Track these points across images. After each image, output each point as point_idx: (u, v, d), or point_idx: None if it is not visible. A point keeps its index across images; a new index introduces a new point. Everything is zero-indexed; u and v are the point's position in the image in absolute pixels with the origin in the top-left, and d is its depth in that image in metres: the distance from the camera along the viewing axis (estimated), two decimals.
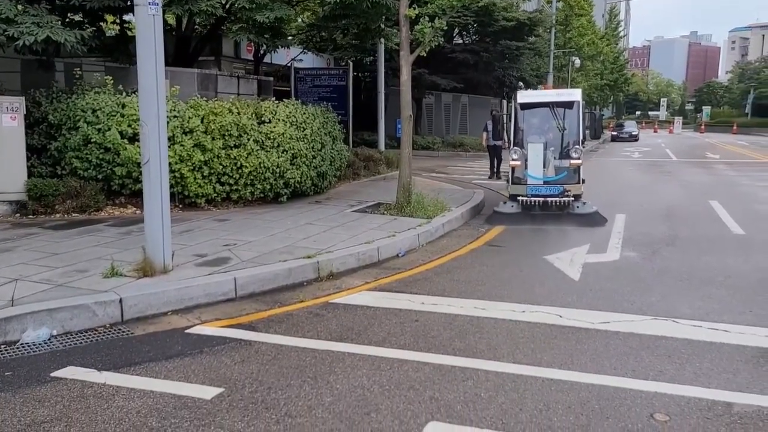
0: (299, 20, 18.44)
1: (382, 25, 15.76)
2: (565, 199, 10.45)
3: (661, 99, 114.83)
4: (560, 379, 4.42)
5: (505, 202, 10.94)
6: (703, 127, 71.29)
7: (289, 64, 20.81)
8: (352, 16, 14.05)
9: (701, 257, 8.34)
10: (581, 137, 10.86)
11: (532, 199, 10.52)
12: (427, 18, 10.66)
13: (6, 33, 9.14)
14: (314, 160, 12.25)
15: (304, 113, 12.24)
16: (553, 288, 6.87)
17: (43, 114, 10.26)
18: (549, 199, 10.50)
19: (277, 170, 11.21)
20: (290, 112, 11.80)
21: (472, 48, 28.65)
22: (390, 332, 5.44)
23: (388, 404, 4.02)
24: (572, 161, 10.57)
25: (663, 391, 4.23)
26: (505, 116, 11.24)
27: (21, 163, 9.74)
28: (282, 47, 15.92)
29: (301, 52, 21.13)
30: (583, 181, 10.80)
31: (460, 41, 30.28)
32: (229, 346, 5.06)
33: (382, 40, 17.68)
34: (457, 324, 5.66)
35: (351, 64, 20.54)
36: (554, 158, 10.64)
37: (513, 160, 10.91)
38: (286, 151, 11.38)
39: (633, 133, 49.27)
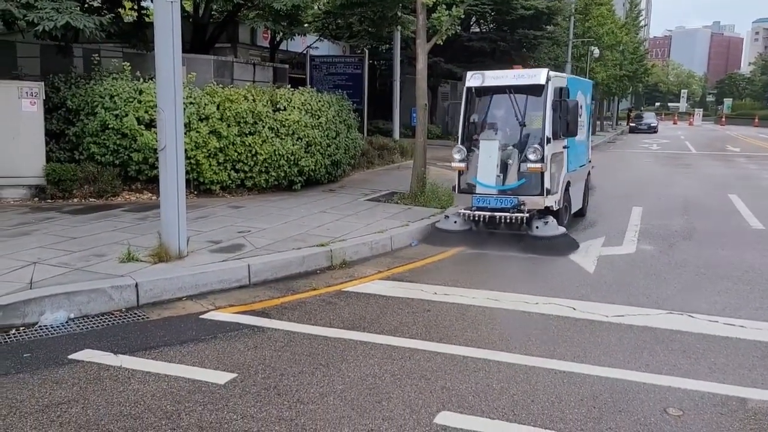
0: (315, 7, 18.36)
1: (399, 13, 15.68)
2: (519, 215, 7.93)
3: (682, 90, 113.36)
4: (573, 372, 4.40)
5: (447, 216, 8.66)
6: (723, 119, 70.37)
7: (304, 52, 20.77)
8: (369, 3, 14.00)
9: (719, 251, 8.25)
10: (548, 133, 8.18)
11: (476, 213, 8.16)
12: (444, 6, 10.60)
13: (26, 18, 9.21)
14: (329, 149, 12.25)
15: (320, 101, 12.23)
16: (567, 280, 6.84)
17: (61, 99, 10.34)
18: (497, 214, 8.03)
19: (292, 158, 11.23)
20: (305, 100, 11.80)
21: (489, 36, 28.41)
22: (402, 321, 5.45)
23: (400, 393, 4.04)
24: (529, 165, 8.05)
25: (677, 386, 4.21)
26: (459, 105, 9.00)
27: (40, 147, 9.84)
28: (298, 35, 15.90)
29: (316, 40, 21.08)
30: (549, 192, 8.17)
31: (477, 30, 30.03)
32: (242, 332, 5.09)
33: (399, 27, 17.57)
34: (470, 314, 5.66)
35: (367, 52, 20.44)
36: (512, 161, 8.28)
37: (455, 161, 8.59)
38: (301, 139, 11.39)
39: (652, 124, 48.80)
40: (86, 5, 11.72)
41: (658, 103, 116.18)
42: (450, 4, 10.69)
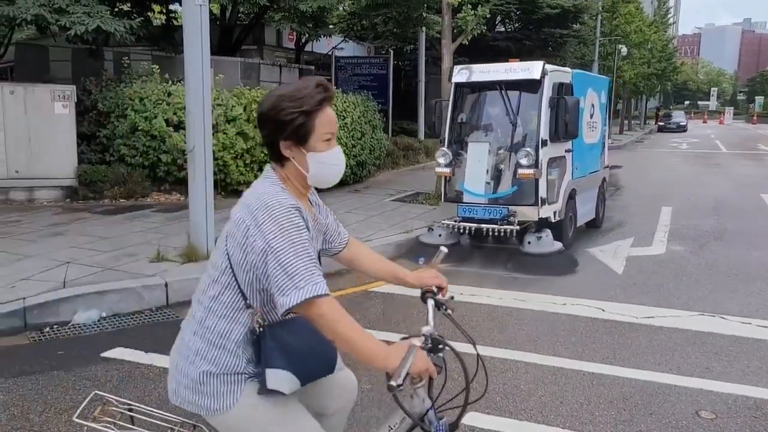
0: (340, 8, 18.45)
1: (424, 13, 15.68)
2: (508, 228, 7.12)
3: (712, 89, 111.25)
4: (602, 374, 4.36)
5: (431, 228, 7.92)
6: (755, 117, 68.87)
7: (330, 53, 20.87)
8: (394, 4, 14.03)
9: (751, 252, 8.08)
10: (544, 135, 7.28)
11: (461, 225, 7.41)
12: (470, 6, 10.56)
13: (59, 23, 9.42)
14: (354, 149, 12.29)
15: (345, 102, 12.29)
16: (595, 281, 6.77)
17: (93, 102, 10.54)
18: (484, 226, 7.25)
19: None
20: None
21: (514, 36, 28.21)
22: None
23: None
24: (520, 171, 7.16)
25: (709, 389, 4.14)
26: (447, 104, 8.08)
27: (72, 149, 10.04)
28: (323, 36, 15.99)
29: (342, 41, 21.16)
30: (545, 202, 7.30)
31: (502, 29, 29.86)
32: None
33: (424, 28, 17.57)
34: (497, 315, 5.63)
35: (391, 52, 20.47)
36: (505, 166, 7.46)
37: (440, 166, 7.74)
38: None
39: (681, 123, 47.98)
40: (116, 9, 11.92)
41: (687, 102, 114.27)
42: (475, 3, 10.65)
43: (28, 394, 3.94)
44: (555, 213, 7.51)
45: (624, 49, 32.77)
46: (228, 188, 10.69)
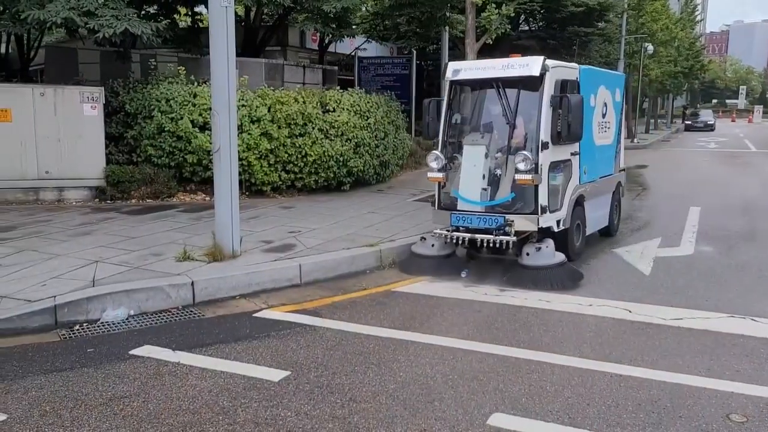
0: (363, 9, 18.49)
1: (448, 13, 15.64)
2: (504, 239, 6.53)
3: (740, 87, 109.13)
4: (630, 376, 4.30)
5: (424, 238, 7.27)
6: None
7: (353, 53, 20.92)
8: (417, 4, 14.00)
9: None
10: (545, 137, 6.63)
11: (454, 235, 6.83)
12: (494, 5, 10.51)
13: (87, 25, 9.57)
14: (377, 149, 12.30)
15: (368, 102, 12.30)
16: (621, 282, 6.69)
17: (120, 103, 10.70)
18: (478, 236, 6.68)
19: (341, 159, 11.32)
20: (354, 101, 11.88)
21: (537, 35, 27.99)
22: (453, 322, 5.43)
23: (452, 394, 4.02)
24: (518, 176, 6.54)
25: (740, 392, 4.06)
26: (441, 103, 7.50)
27: (100, 150, 10.21)
28: (347, 36, 16.03)
29: (365, 41, 21.20)
30: (545, 210, 6.65)
31: (526, 28, 29.65)
32: (294, 331, 5.16)
33: (447, 27, 17.52)
34: (521, 316, 5.59)
35: (414, 52, 20.43)
36: (503, 171, 6.87)
37: (432, 170, 7.15)
38: (350, 140, 11.48)
39: (709, 122, 47.13)
40: (143, 12, 12.09)
41: (715, 100, 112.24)
42: (499, 2, 10.60)
43: (59, 391, 4.01)
44: (558, 222, 6.91)
45: (650, 47, 32.30)
46: (252, 188, 10.78)
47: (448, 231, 6.92)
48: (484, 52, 22.11)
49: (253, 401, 3.90)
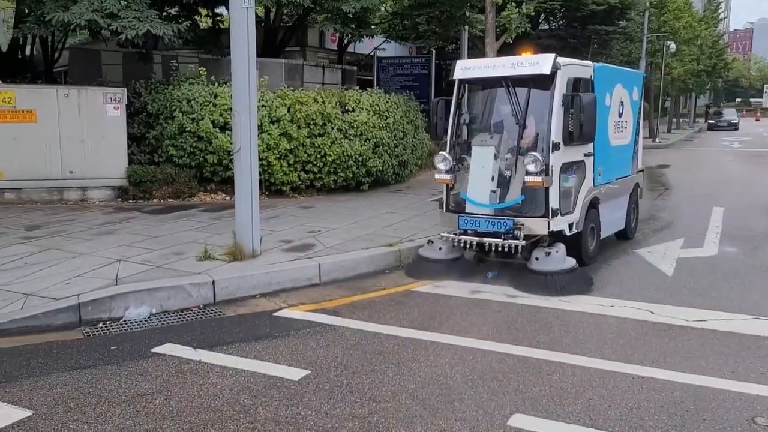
0: (382, 9, 18.50)
1: (467, 12, 15.58)
2: (513, 242, 6.36)
3: (765, 85, 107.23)
4: (652, 377, 4.25)
5: (431, 241, 7.10)
6: None
7: (372, 53, 20.93)
8: (437, 3, 13.97)
9: None
10: (556, 137, 6.43)
11: (462, 238, 6.72)
12: (514, 4, 10.45)
13: (110, 27, 9.69)
14: (396, 149, 12.30)
15: (387, 102, 12.31)
16: (644, 283, 6.61)
17: (142, 104, 10.82)
18: (486, 240, 6.55)
19: (360, 159, 11.34)
20: (373, 101, 11.89)
21: (558, 34, 27.77)
22: (472, 322, 5.41)
23: (472, 394, 4.01)
24: (527, 178, 6.36)
25: (765, 394, 4.00)
26: (450, 102, 7.34)
27: (123, 150, 10.33)
28: (366, 36, 16.05)
29: (383, 41, 21.20)
30: (556, 213, 6.45)
31: (546, 27, 29.44)
32: (314, 330, 5.18)
33: (466, 27, 17.46)
34: (541, 317, 5.56)
35: (433, 52, 20.40)
36: (510, 172, 6.72)
37: (440, 172, 6.98)
38: (369, 140, 11.49)
39: (732, 121, 46.41)
40: (165, 13, 12.20)
41: (738, 99, 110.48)
42: (519, 1, 10.53)
43: (84, 387, 4.07)
44: (571, 225, 6.74)
45: (672, 46, 31.90)
46: (272, 188, 10.84)
47: (455, 234, 6.78)
48: (504, 52, 21.98)
49: (274, 400, 3.92)
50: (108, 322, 5.31)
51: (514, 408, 3.82)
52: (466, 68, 7.06)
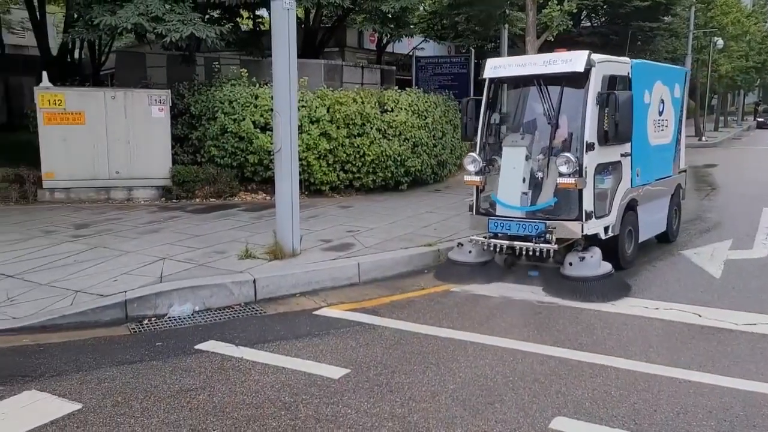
0: (421, 8, 18.47)
1: (507, 10, 15.42)
2: (544, 247, 6.17)
3: None
4: (699, 382, 4.14)
5: (461, 244, 6.91)
6: None
7: (410, 53, 20.90)
8: (477, 2, 13.87)
9: None
10: (590, 137, 6.20)
11: (491, 242, 6.55)
12: (555, 1, 10.31)
13: (156, 30, 9.93)
14: (435, 149, 12.27)
15: (426, 102, 12.29)
16: (690, 285, 6.45)
17: (186, 105, 11.03)
18: (516, 244, 6.35)
19: (399, 158, 11.34)
20: (412, 101, 11.89)
21: (600, 31, 27.28)
22: (512, 323, 5.36)
23: (513, 396, 3.97)
24: (560, 180, 6.15)
25: None
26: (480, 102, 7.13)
27: (167, 151, 10.57)
28: (405, 36, 16.05)
29: (422, 41, 21.15)
30: (591, 216, 6.22)
31: (588, 24, 28.95)
32: (354, 329, 5.21)
33: (506, 25, 17.29)
34: (583, 318, 5.47)
35: (472, 51, 20.25)
36: (543, 174, 6.48)
37: (469, 174, 6.83)
38: (408, 140, 11.49)
39: None
40: (207, 16, 12.42)
41: None
42: None
43: (130, 382, 4.17)
44: (607, 228, 6.51)
45: (720, 42, 31.02)
46: (311, 188, 10.93)
47: (485, 237, 6.63)
48: (545, 50, 21.69)
49: (314, 398, 3.95)
50: (153, 319, 5.44)
51: (556, 411, 3.77)
52: (496, 67, 6.87)
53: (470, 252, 6.70)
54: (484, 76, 6.96)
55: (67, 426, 3.60)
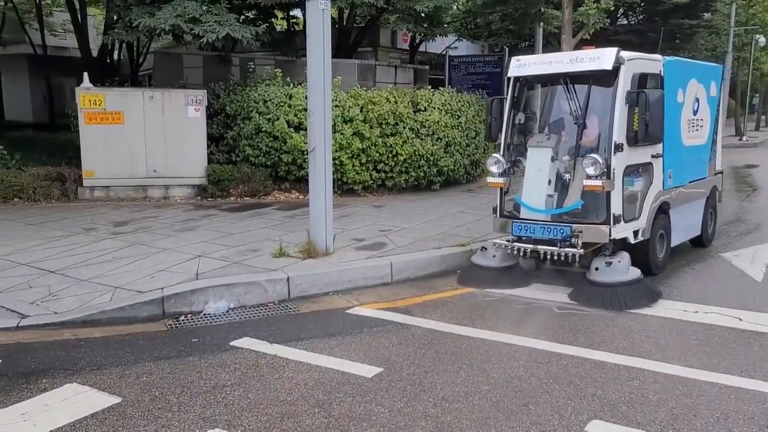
0: (455, 7, 18.41)
1: (542, 8, 15.26)
2: (570, 251, 5.95)
3: None
4: (740, 387, 4.04)
5: (485, 248, 6.74)
6: None
7: (443, 52, 20.83)
8: (512, 0, 13.75)
9: None
10: (618, 138, 5.97)
11: (515, 245, 6.32)
12: None
13: (193, 31, 10.09)
14: (468, 148, 12.21)
15: (459, 101, 12.23)
16: (730, 288, 6.29)
17: (221, 105, 11.19)
18: (540, 248, 6.16)
19: (431, 158, 11.32)
20: (445, 101, 11.84)
21: (637, 28, 26.79)
22: (546, 325, 5.30)
23: (547, 398, 3.93)
24: (586, 182, 5.91)
25: None
26: (504, 101, 6.92)
27: (202, 150, 10.74)
28: (438, 35, 16.01)
29: (456, 40, 21.07)
30: (619, 219, 5.99)
31: (625, 21, 28.46)
32: (386, 328, 5.21)
33: (541, 23, 17.12)
34: (620, 321, 5.38)
35: (506, 50, 20.08)
36: (569, 175, 6.26)
37: (492, 175, 6.66)
38: (441, 139, 11.45)
39: None
40: (242, 17, 12.58)
41: None
42: None
43: (167, 377, 4.25)
44: (636, 232, 6.28)
45: (762, 40, 30.18)
46: (344, 187, 10.98)
47: (509, 241, 6.42)
48: (581, 48, 21.37)
49: (348, 396, 3.97)
50: (189, 315, 5.53)
51: (591, 414, 3.72)
52: (521, 65, 6.59)
53: (494, 256, 6.56)
54: (508, 75, 6.73)
55: (108, 419, 3.68)
